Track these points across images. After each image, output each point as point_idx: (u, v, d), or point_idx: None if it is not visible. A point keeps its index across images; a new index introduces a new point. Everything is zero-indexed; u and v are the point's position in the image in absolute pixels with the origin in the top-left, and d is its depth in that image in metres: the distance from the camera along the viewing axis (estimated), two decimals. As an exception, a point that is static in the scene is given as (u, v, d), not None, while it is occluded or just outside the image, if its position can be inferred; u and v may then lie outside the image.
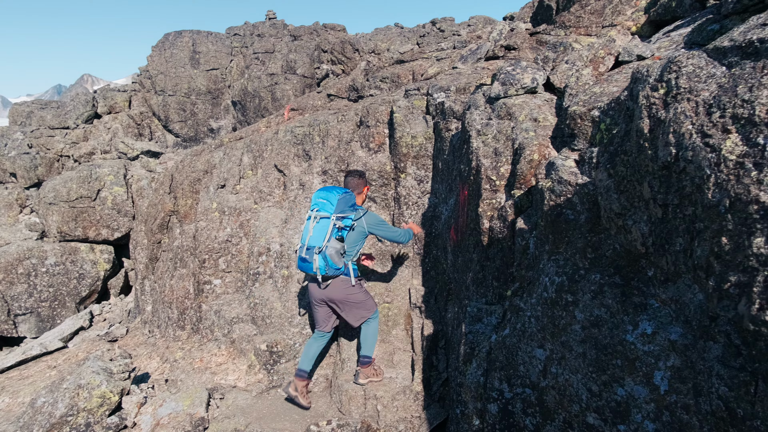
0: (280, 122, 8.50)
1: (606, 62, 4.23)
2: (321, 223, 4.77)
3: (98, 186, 11.79)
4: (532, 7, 8.65)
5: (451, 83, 5.95)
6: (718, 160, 1.69)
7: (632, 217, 2.32)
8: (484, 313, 3.82)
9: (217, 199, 7.34)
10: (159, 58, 17.40)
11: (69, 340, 8.91)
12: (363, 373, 4.96)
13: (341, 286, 4.88)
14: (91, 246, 11.52)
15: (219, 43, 17.83)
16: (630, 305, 2.41)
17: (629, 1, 5.81)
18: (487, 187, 3.98)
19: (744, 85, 1.71)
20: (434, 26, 15.68)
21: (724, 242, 1.65)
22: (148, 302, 8.13)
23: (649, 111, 2.11)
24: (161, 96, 17.02)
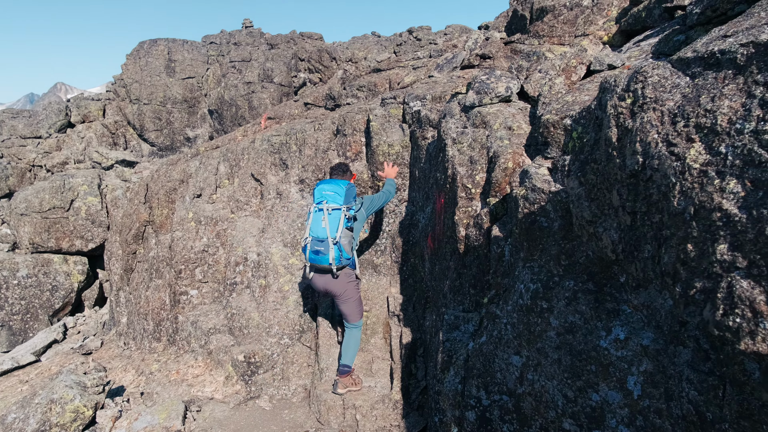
0: (256, 131, 8.47)
1: (578, 71, 4.29)
2: (333, 215, 4.90)
3: (72, 196, 11.59)
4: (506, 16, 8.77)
5: (427, 92, 5.98)
6: (683, 168, 1.73)
7: (603, 225, 2.35)
8: (461, 320, 3.84)
9: (194, 209, 7.27)
10: (134, 67, 17.22)
11: (42, 353, 8.72)
12: (342, 382, 4.96)
13: (345, 279, 5.03)
14: (65, 257, 11.30)
15: (195, 51, 17.72)
16: (603, 311, 2.44)
17: (601, 11, 5.92)
18: (463, 195, 4.01)
19: (706, 95, 1.76)
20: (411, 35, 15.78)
21: (690, 249, 1.68)
22: (124, 314, 8.00)
23: (617, 120, 2.15)
24: (136, 105, 16.83)
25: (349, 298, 5.08)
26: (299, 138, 6.89)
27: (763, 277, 1.42)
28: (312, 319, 5.94)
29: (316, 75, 15.97)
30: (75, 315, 10.89)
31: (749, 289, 1.45)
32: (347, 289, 5.06)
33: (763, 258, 1.42)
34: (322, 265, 4.90)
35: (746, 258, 1.48)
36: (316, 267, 4.99)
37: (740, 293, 1.47)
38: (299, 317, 5.93)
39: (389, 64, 9.26)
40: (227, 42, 18.80)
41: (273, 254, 6.31)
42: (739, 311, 1.47)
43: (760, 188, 1.48)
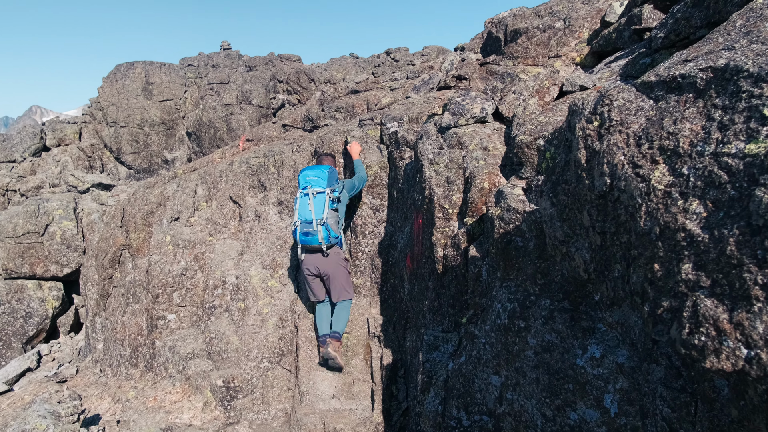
0: (234, 153, 8.45)
1: (551, 92, 4.38)
2: (318, 198, 5.36)
3: (47, 221, 11.40)
4: (482, 38, 8.92)
5: (404, 113, 6.04)
6: (648, 189, 1.77)
7: (575, 245, 2.39)
8: (440, 341, 3.84)
9: (171, 232, 7.20)
10: (111, 90, 17.11)
11: (14, 382, 8.50)
12: (333, 345, 5.28)
13: (335, 258, 5.46)
14: (39, 283, 11.08)
15: (173, 73, 17.68)
16: (579, 330, 2.47)
17: (573, 32, 6.05)
18: (440, 215, 4.04)
19: (669, 118, 1.81)
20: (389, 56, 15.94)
21: (657, 269, 1.72)
22: (100, 340, 7.85)
23: (585, 142, 2.20)
24: (113, 127, 16.69)
25: (339, 276, 5.47)
26: (277, 160, 6.90)
27: (726, 296, 1.45)
28: (292, 341, 5.89)
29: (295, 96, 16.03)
30: (50, 342, 10.64)
31: (713, 307, 1.49)
32: (337, 267, 5.46)
33: (725, 277, 1.46)
34: (313, 245, 5.33)
35: (709, 277, 1.51)
36: (307, 247, 5.40)
37: (704, 312, 1.50)
38: (279, 340, 5.88)
39: (367, 85, 9.33)
40: (205, 64, 18.81)
41: (252, 277, 6.27)
42: (703, 330, 1.51)
43: (720, 209, 1.52)
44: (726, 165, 1.55)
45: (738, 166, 1.52)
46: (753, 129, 1.52)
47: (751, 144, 1.50)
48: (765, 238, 1.37)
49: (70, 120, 17.97)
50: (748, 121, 1.54)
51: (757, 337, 1.36)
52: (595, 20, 5.95)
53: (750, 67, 1.62)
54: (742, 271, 1.41)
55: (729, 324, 1.43)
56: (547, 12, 6.69)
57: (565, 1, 6.86)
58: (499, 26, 7.67)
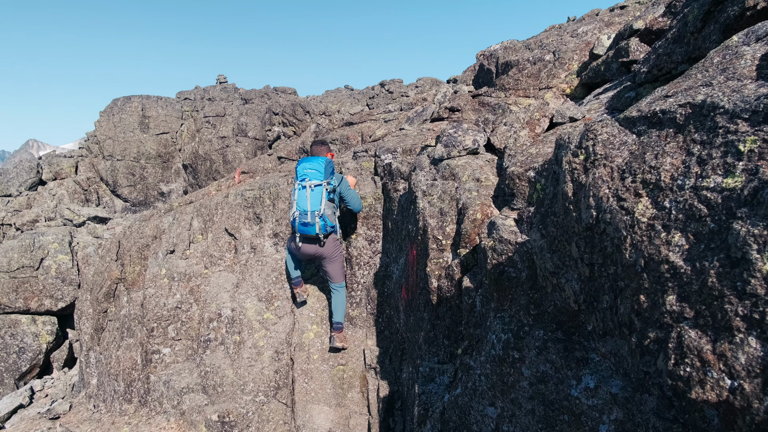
0: (230, 185, 8.50)
1: (542, 124, 4.46)
2: (316, 190, 5.60)
3: (41, 254, 11.38)
4: (473, 70, 9.08)
5: (398, 145, 6.12)
6: (632, 222, 1.81)
7: (565, 276, 2.42)
8: (436, 372, 3.83)
9: (167, 265, 7.20)
10: (107, 123, 17.26)
11: (6, 419, 8.39)
12: (338, 337, 5.66)
13: (331, 244, 5.73)
14: (33, 317, 11.01)
15: (169, 107, 17.86)
16: (573, 360, 2.47)
17: (563, 65, 6.18)
18: (434, 246, 4.07)
19: (651, 153, 1.86)
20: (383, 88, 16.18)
21: (642, 300, 1.75)
22: (94, 375, 7.77)
23: (571, 175, 2.25)
24: (109, 161, 16.79)
25: (335, 260, 5.78)
26: (273, 192, 6.95)
27: (709, 326, 1.48)
28: (288, 374, 5.85)
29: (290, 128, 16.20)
30: (43, 377, 10.53)
31: (697, 338, 1.51)
32: (333, 251, 5.75)
33: (708, 308, 1.49)
34: (311, 235, 5.60)
35: (693, 308, 1.54)
36: (305, 236, 5.66)
37: (689, 343, 1.53)
38: (274, 373, 5.84)
39: (362, 117, 9.46)
40: (201, 97, 19.03)
41: (247, 309, 6.26)
42: (688, 360, 1.53)
43: (701, 241, 1.56)
44: (705, 198, 1.59)
45: (716, 200, 1.56)
46: (729, 164, 1.57)
47: (728, 178, 1.55)
48: (743, 270, 1.40)
49: (67, 154, 18.08)
50: (725, 156, 1.60)
51: (740, 368, 1.38)
52: (584, 53, 6.09)
53: (726, 104, 1.68)
54: (723, 303, 1.44)
55: (713, 355, 1.46)
56: (537, 45, 6.85)
57: (555, 34, 7.02)
58: (491, 59, 7.83)
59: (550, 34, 7.25)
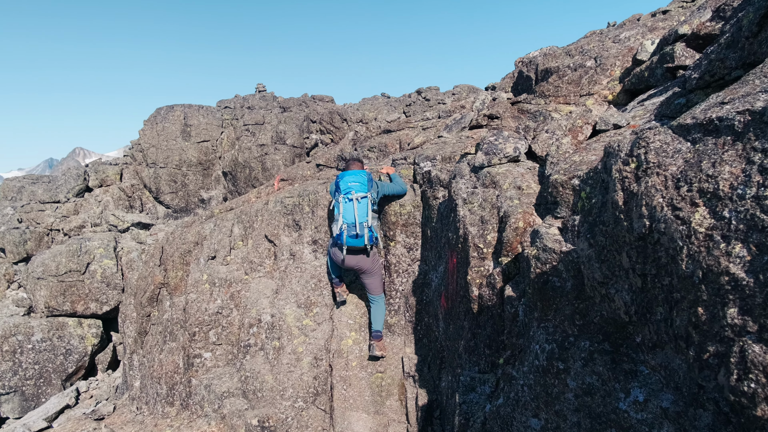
0: (270, 192, 8.62)
1: (584, 131, 4.39)
2: (362, 202, 5.77)
3: (88, 259, 11.74)
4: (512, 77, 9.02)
5: (437, 152, 6.11)
6: (689, 232, 1.77)
7: (614, 286, 2.37)
8: (477, 382, 3.79)
9: (208, 271, 7.33)
10: (151, 132, 17.73)
11: (54, 419, 8.65)
12: (377, 346, 5.71)
13: (373, 258, 5.85)
14: (79, 320, 11.35)
15: (210, 115, 18.24)
16: (621, 372, 2.42)
17: (604, 71, 6.08)
18: (475, 254, 4.04)
19: (708, 161, 1.81)
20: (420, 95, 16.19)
21: (701, 312, 1.70)
22: (137, 377, 7.95)
23: (622, 184, 2.20)
24: (152, 168, 17.23)
25: (375, 273, 5.85)
26: (312, 199, 7.01)
27: (775, 341, 1.43)
28: (326, 381, 5.88)
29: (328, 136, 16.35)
30: (88, 379, 10.83)
31: (761, 354, 1.46)
32: (375, 264, 5.85)
33: (773, 322, 1.44)
34: (359, 247, 5.70)
35: (756, 322, 1.49)
36: (352, 249, 5.74)
37: (753, 358, 1.48)
38: (313, 379, 5.87)
39: (399, 124, 9.48)
40: (241, 106, 19.38)
41: (287, 315, 6.32)
42: (753, 376, 1.48)
43: (765, 253, 1.51)
44: (768, 208, 1.54)
45: (781, 210, 1.51)
46: (795, 173, 1.52)
47: (794, 188, 1.50)
48: (812, 283, 1.35)
49: (112, 161, 18.64)
50: (789, 164, 1.54)
51: (809, 385, 1.33)
52: (627, 58, 5.98)
53: (789, 111, 1.63)
54: (790, 317, 1.39)
55: (779, 371, 1.41)
56: (577, 51, 6.75)
57: (596, 40, 6.92)
58: (530, 65, 7.76)
59: (590, 40, 7.14)
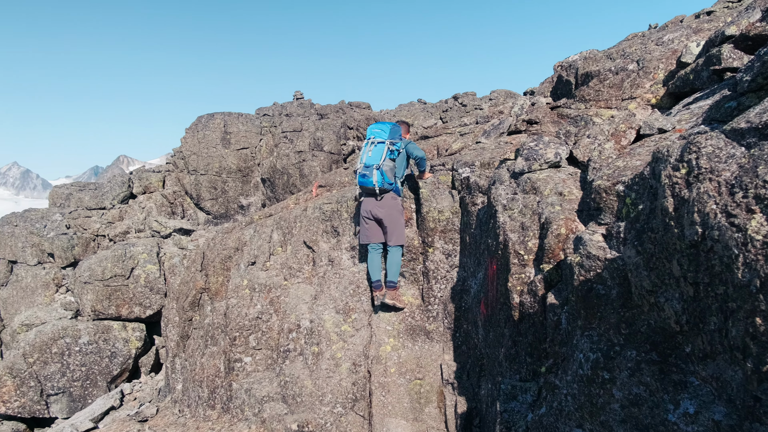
0: (308, 199, 8.71)
1: (627, 136, 4.31)
2: (377, 147, 6.10)
3: (132, 264, 12.06)
4: (551, 82, 8.91)
5: (476, 158, 6.08)
6: (745, 240, 1.71)
7: (664, 295, 2.31)
8: (518, 390, 3.75)
9: (248, 276, 7.45)
10: (192, 139, 18.14)
11: (99, 420, 8.89)
12: (389, 294, 5.95)
13: (392, 203, 6.04)
14: (124, 324, 11.66)
15: (249, 123, 18.56)
16: (669, 383, 2.36)
17: (647, 74, 5.96)
18: (516, 261, 4.00)
19: (764, 166, 1.75)
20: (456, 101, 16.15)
21: (759, 323, 1.64)
22: (179, 380, 8.12)
23: (672, 190, 2.15)
24: (194, 175, 17.62)
25: (393, 221, 5.99)
26: (350, 205, 7.06)
27: (840, 354, 1.37)
28: (365, 387, 5.89)
29: (365, 142, 16.44)
30: (132, 381, 11.11)
31: (826, 366, 1.40)
32: (391, 212, 6.01)
33: (838, 334, 1.38)
34: (368, 187, 6.00)
35: (820, 334, 1.44)
36: (364, 189, 6.10)
37: (816, 371, 1.42)
38: (352, 385, 5.89)
39: (436, 130, 9.47)
40: (279, 113, 19.66)
41: (325, 321, 6.36)
42: (816, 390, 1.42)
43: (828, 261, 1.46)
44: (831, 216, 1.48)
45: None
46: None
47: None
48: None
49: (155, 168, 19.13)
50: None
51: None
52: (671, 61, 5.85)
53: None
54: None
55: None
56: (619, 54, 6.64)
57: (638, 42, 6.79)
58: (570, 69, 7.66)
59: (632, 43, 7.01)
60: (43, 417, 10.51)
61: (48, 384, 10.55)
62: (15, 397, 10.30)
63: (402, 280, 6.26)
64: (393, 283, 5.99)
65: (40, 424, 10.63)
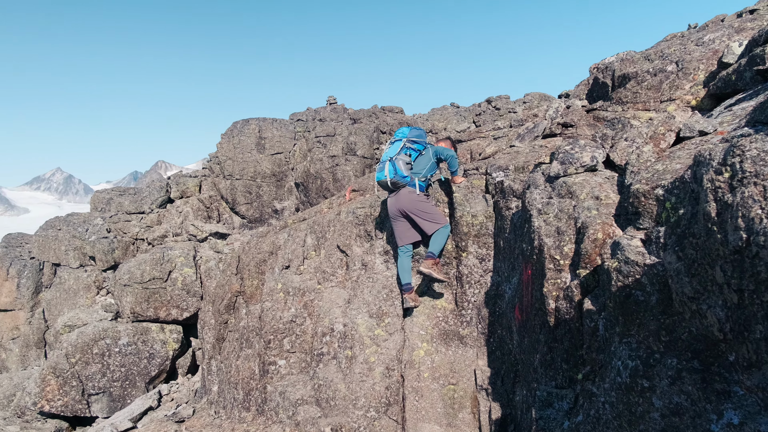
0: (341, 203, 8.77)
1: (667, 138, 4.22)
2: (395, 144, 6.35)
3: (170, 267, 12.32)
4: (587, 84, 8.78)
5: (510, 162, 6.03)
6: (793, 246, 1.66)
7: (706, 302, 2.25)
8: (554, 397, 3.70)
9: (282, 280, 7.53)
10: (228, 145, 18.46)
11: (138, 420, 9.10)
12: (426, 263, 5.83)
13: (409, 195, 6.06)
14: (162, 326, 11.92)
15: (283, 128, 18.79)
16: (712, 392, 2.30)
17: (687, 75, 5.82)
18: (551, 266, 3.95)
19: (813, 170, 1.70)
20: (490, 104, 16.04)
21: (808, 332, 1.59)
22: (215, 382, 8.25)
23: (714, 195, 2.10)
24: (229, 180, 17.92)
25: (422, 212, 6.00)
26: (383, 210, 7.08)
27: None
28: (398, 391, 5.89)
29: (397, 147, 16.44)
30: (169, 382, 11.34)
31: None
32: (415, 204, 6.02)
33: None
34: (381, 180, 6.21)
35: None
36: (380, 183, 6.25)
37: None
38: (385, 389, 5.90)
39: (470, 134, 9.42)
40: (313, 119, 19.84)
41: (359, 325, 6.39)
42: None
43: None
44: None
45: None
46: None
47: None
48: None
49: (191, 173, 19.53)
50: None
51: None
52: (711, 62, 5.70)
53: None
54: None
55: None
56: (657, 55, 6.50)
57: (677, 43, 6.65)
58: (606, 71, 7.53)
59: (671, 44, 6.86)
60: (85, 416, 10.81)
61: (89, 384, 10.84)
62: (58, 396, 10.62)
63: (436, 284, 6.25)
64: (433, 254, 5.91)
65: (82, 422, 10.93)
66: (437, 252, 5.94)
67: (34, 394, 10.60)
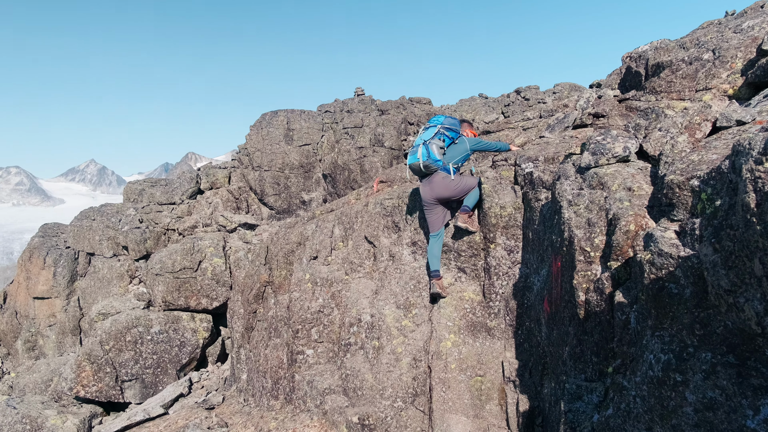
0: (369, 194, 8.78)
1: (702, 128, 4.11)
2: (429, 129, 6.38)
3: (200, 257, 12.52)
4: (619, 73, 8.61)
5: (539, 153, 5.95)
6: (837, 237, 1.61)
7: (744, 295, 2.20)
8: (584, 390, 3.66)
9: (310, 270, 7.59)
10: (256, 136, 18.62)
11: (170, 406, 9.29)
12: (461, 217, 5.98)
13: (443, 182, 6.10)
14: (192, 315, 12.13)
15: (311, 120, 18.87)
16: (748, 387, 2.26)
17: (724, 63, 5.66)
18: (582, 258, 3.90)
19: None
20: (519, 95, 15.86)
21: None
22: (244, 371, 8.38)
23: (754, 185, 2.04)
24: (258, 171, 18.09)
25: (460, 191, 6.11)
26: (411, 201, 7.07)
27: None
28: (425, 382, 5.90)
29: (425, 138, 16.41)
30: (199, 370, 11.55)
31: None
32: (452, 187, 6.10)
33: None
34: (413, 163, 6.20)
35: None
36: (412, 168, 6.26)
37: None
38: (412, 380, 5.91)
39: (498, 125, 9.33)
40: (341, 110, 19.89)
41: (386, 316, 6.41)
42: None
43: None
44: None
45: None
46: None
47: None
48: None
49: (221, 165, 19.77)
50: None
51: None
52: (750, 49, 5.53)
53: None
54: None
55: None
56: (693, 43, 6.34)
57: (714, 30, 6.47)
58: (639, 60, 7.38)
59: (707, 31, 6.68)
60: (118, 401, 11.09)
61: (122, 370, 11.11)
62: (93, 382, 10.91)
63: (463, 275, 6.22)
64: (467, 207, 6.04)
65: (115, 408, 11.22)
66: (471, 205, 6.09)
67: (70, 380, 10.90)
